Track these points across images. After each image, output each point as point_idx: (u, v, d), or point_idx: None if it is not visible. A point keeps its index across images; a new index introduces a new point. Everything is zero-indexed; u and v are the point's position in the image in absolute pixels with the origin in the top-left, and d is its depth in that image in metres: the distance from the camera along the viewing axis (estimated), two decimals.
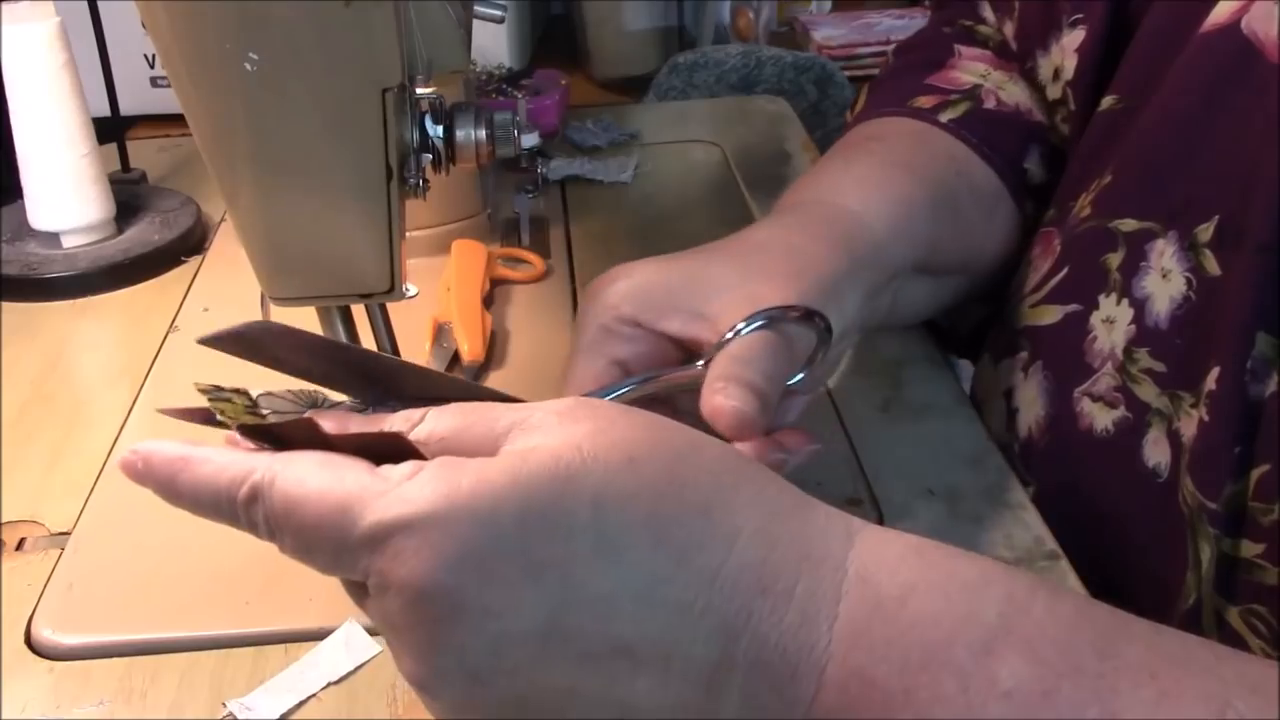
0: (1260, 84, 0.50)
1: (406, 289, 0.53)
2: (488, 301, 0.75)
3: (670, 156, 0.97)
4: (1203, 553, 0.50)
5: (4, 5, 0.77)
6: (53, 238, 0.81)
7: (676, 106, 1.19)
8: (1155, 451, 0.53)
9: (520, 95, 1.03)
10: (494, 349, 0.71)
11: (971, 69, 0.69)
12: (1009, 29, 0.69)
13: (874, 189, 0.59)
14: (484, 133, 0.54)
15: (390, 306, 0.56)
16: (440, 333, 0.71)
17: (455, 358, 0.69)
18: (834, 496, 0.58)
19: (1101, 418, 0.55)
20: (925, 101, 0.67)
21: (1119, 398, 0.55)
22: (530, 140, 0.95)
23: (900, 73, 0.72)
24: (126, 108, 0.92)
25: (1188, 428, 0.51)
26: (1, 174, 0.84)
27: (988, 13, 0.72)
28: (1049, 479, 0.59)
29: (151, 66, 1.07)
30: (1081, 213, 0.59)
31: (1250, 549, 0.48)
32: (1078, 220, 0.60)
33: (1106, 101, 0.60)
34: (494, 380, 0.69)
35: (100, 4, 0.87)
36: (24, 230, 0.82)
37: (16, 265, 0.80)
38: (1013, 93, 0.68)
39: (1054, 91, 0.65)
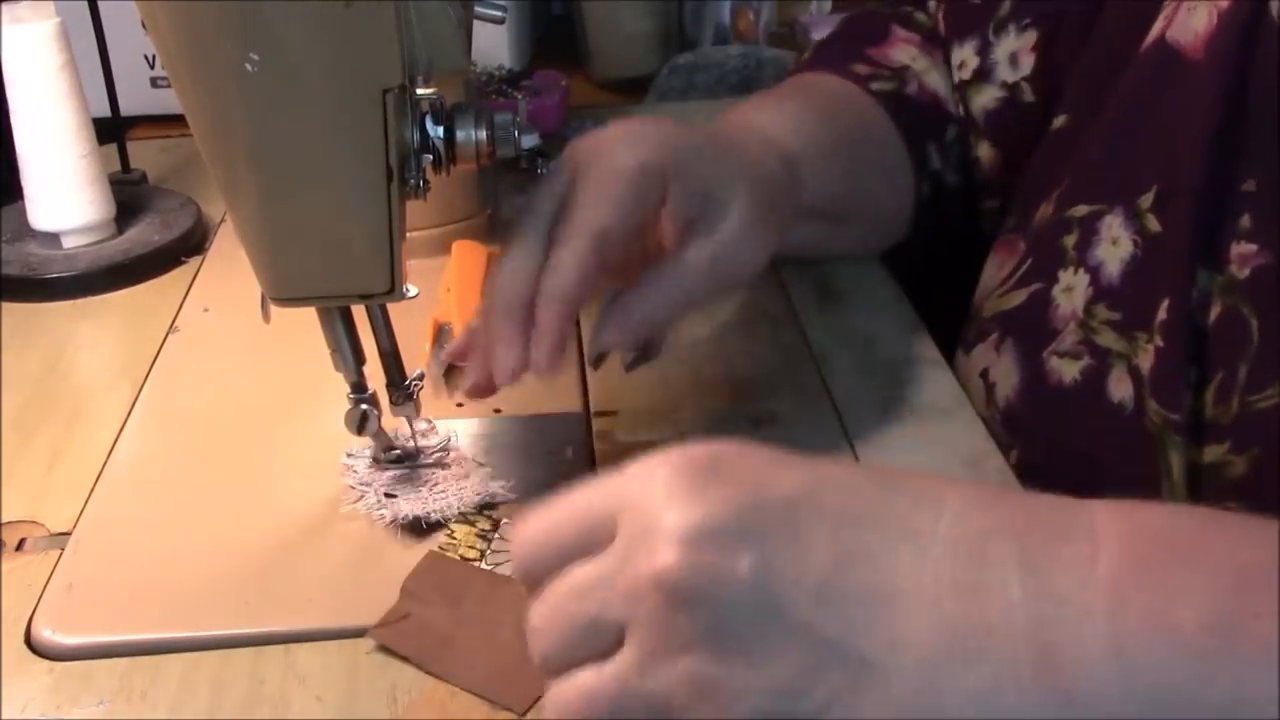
0: (1182, 78, 0.58)
1: (407, 289, 0.53)
2: None
3: None
4: (1173, 463, 0.55)
5: (4, 5, 0.77)
6: (53, 238, 0.81)
7: (676, 107, 1.19)
8: (1119, 388, 0.59)
9: (520, 96, 1.03)
10: None
11: (903, 50, 0.78)
12: (941, 13, 0.79)
13: (801, 128, 0.67)
14: (484, 133, 0.54)
15: (390, 307, 0.56)
16: (440, 333, 0.71)
17: None
18: None
19: (1069, 370, 0.61)
20: (861, 69, 0.76)
21: (1082, 349, 0.61)
22: (530, 141, 0.95)
23: (843, 39, 0.81)
24: (126, 108, 0.92)
25: (1145, 360, 0.57)
26: (1, 174, 0.84)
27: (932, 3, 0.81)
28: (1030, 438, 0.63)
29: (151, 66, 1.07)
30: (1044, 215, 0.66)
31: (1214, 452, 0.54)
32: (1039, 221, 0.66)
33: (1058, 121, 0.67)
34: None
35: (100, 4, 0.87)
36: (24, 230, 0.82)
37: (16, 265, 0.80)
38: (934, 80, 0.77)
39: (958, 75, 0.76)
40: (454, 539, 0.56)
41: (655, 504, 0.36)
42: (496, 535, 0.56)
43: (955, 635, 0.34)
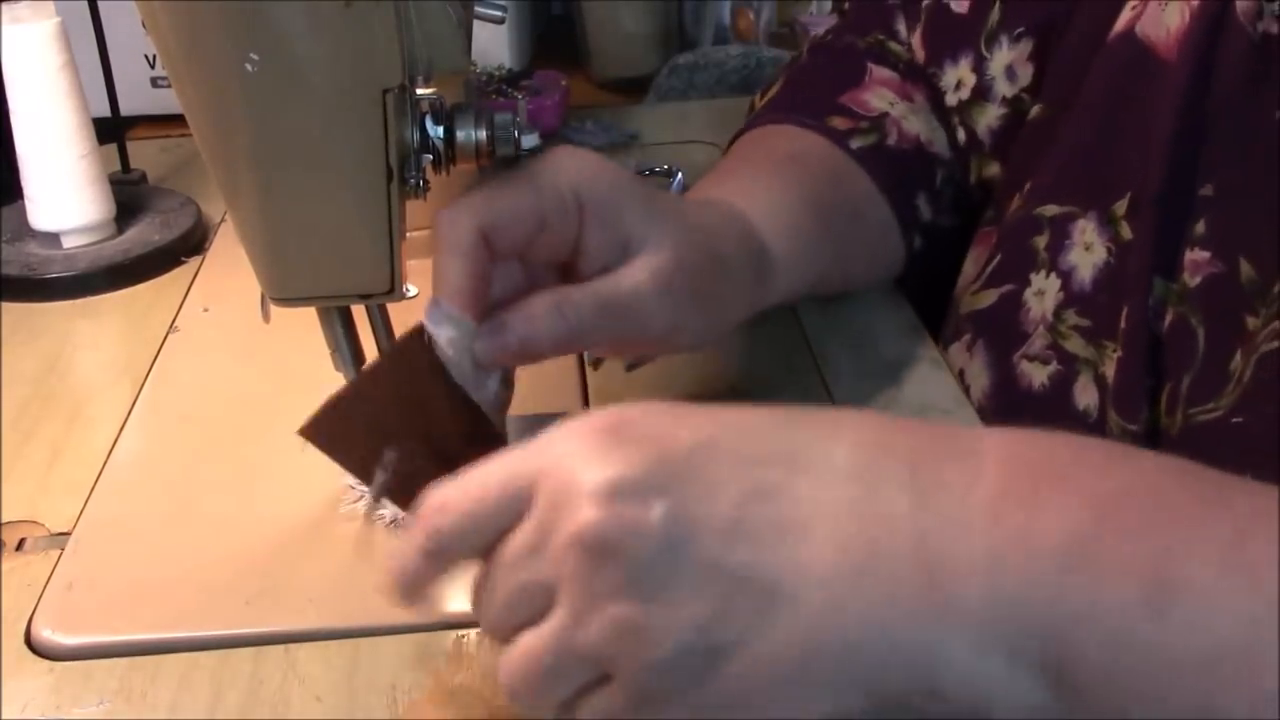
0: (1155, 78, 0.57)
1: (407, 289, 0.53)
2: None
3: (670, 157, 0.97)
4: None
5: (4, 5, 0.77)
6: (53, 238, 0.81)
7: (676, 107, 1.19)
8: (1084, 395, 0.59)
9: (520, 96, 1.03)
10: None
11: (880, 95, 0.74)
12: (917, 39, 0.76)
13: (782, 220, 0.63)
14: (484, 133, 0.54)
15: (390, 307, 0.56)
16: None
17: None
18: None
19: (1038, 375, 0.61)
20: (839, 123, 0.71)
21: (1051, 354, 0.61)
22: (530, 141, 0.94)
23: (814, 79, 0.77)
24: (126, 108, 0.92)
25: (1110, 369, 0.57)
26: (1, 174, 0.84)
27: (900, 26, 0.78)
28: None
29: (151, 66, 1.07)
30: (1015, 208, 0.66)
31: None
32: (1010, 216, 0.66)
33: (1034, 111, 0.66)
34: None
35: (100, 4, 0.87)
36: (24, 230, 0.82)
37: (16, 265, 0.80)
38: (914, 124, 0.73)
39: (953, 98, 0.73)
40: None
41: (569, 467, 0.37)
42: None
43: (851, 555, 0.36)
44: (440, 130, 0.53)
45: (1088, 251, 0.60)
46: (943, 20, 0.74)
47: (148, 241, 0.82)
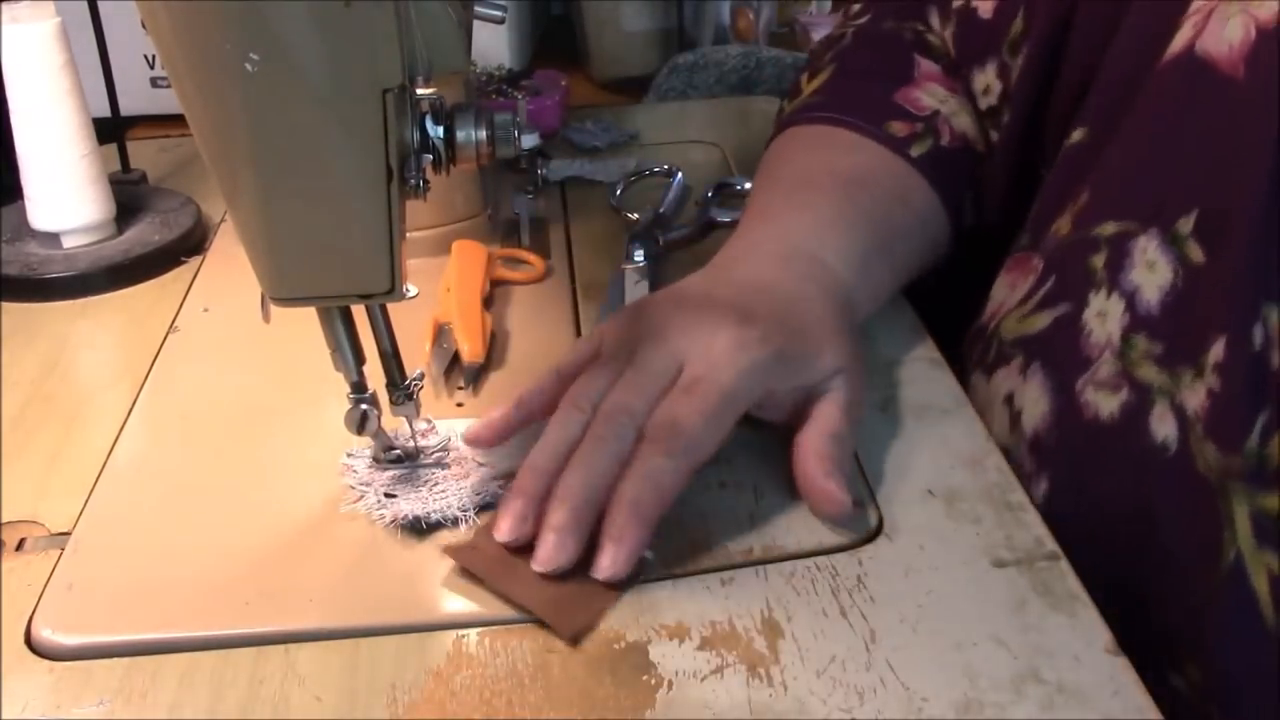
0: (1217, 97, 0.55)
1: (407, 289, 0.53)
2: (488, 302, 0.75)
3: (670, 157, 0.97)
4: (1235, 511, 0.52)
5: (4, 5, 0.77)
6: (53, 238, 0.81)
7: (676, 107, 1.19)
8: (1162, 426, 0.56)
9: (520, 96, 1.03)
10: (494, 349, 0.71)
11: (931, 92, 0.75)
12: (948, 36, 0.76)
13: (858, 259, 0.67)
14: (484, 133, 0.54)
15: (390, 307, 0.56)
16: (440, 333, 0.71)
17: (455, 358, 0.69)
18: None
19: (1106, 404, 0.58)
20: (898, 129, 0.73)
21: (1121, 382, 0.58)
22: (530, 141, 0.95)
23: (865, 73, 0.78)
24: (126, 108, 0.92)
25: (1191, 400, 0.54)
26: (1, 174, 0.84)
27: (934, 19, 0.78)
28: (1060, 471, 0.60)
29: (151, 66, 1.07)
30: (1060, 231, 0.64)
31: None
32: (1056, 238, 0.64)
33: (1076, 135, 0.65)
34: (494, 380, 0.69)
35: (100, 4, 0.87)
36: (24, 230, 0.82)
37: (16, 265, 0.80)
38: (961, 121, 0.75)
39: (984, 102, 0.74)
40: None
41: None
42: None
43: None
44: (440, 130, 0.53)
45: (1151, 271, 0.57)
46: (970, 25, 0.74)
47: (148, 241, 0.82)
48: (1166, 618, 0.55)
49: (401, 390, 0.58)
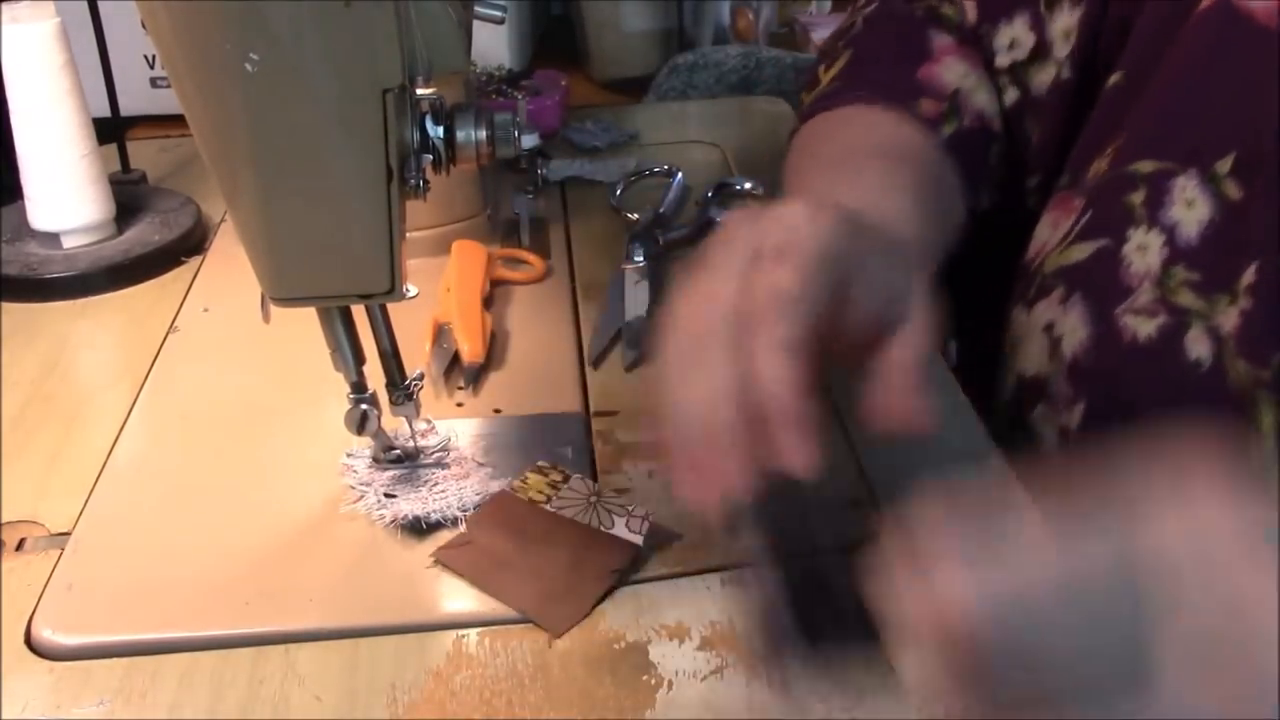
0: (1254, 46, 0.58)
1: (406, 289, 0.53)
2: (488, 302, 0.75)
3: (670, 157, 0.97)
4: (1263, 419, 0.57)
5: (4, 5, 0.77)
6: (53, 238, 0.81)
7: (676, 107, 1.19)
8: (1196, 346, 0.60)
9: (520, 96, 1.03)
10: (494, 349, 0.71)
11: (950, 68, 0.75)
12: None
13: (917, 222, 0.63)
14: (484, 133, 0.54)
15: (390, 307, 0.56)
16: (440, 333, 0.71)
17: (455, 358, 0.69)
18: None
19: (1144, 327, 0.62)
20: (928, 108, 0.72)
21: (1159, 308, 0.61)
22: (530, 141, 0.95)
23: (883, 53, 0.77)
24: (126, 108, 0.92)
25: (1226, 321, 0.59)
26: (1, 174, 0.84)
27: None
28: (1098, 394, 0.63)
29: (151, 66, 1.07)
30: (1099, 170, 0.66)
31: None
32: (1096, 176, 0.66)
33: (1114, 78, 0.67)
34: (494, 380, 0.69)
35: (100, 4, 0.87)
36: (24, 230, 0.82)
37: (16, 265, 0.80)
38: (980, 99, 0.74)
39: (1007, 58, 0.73)
40: (525, 484, 0.58)
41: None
42: (566, 486, 0.58)
43: None
44: (440, 130, 0.53)
45: (1190, 209, 0.61)
46: None
47: (148, 241, 0.82)
48: None
49: (401, 390, 0.58)
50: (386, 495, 0.58)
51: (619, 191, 0.92)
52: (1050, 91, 0.72)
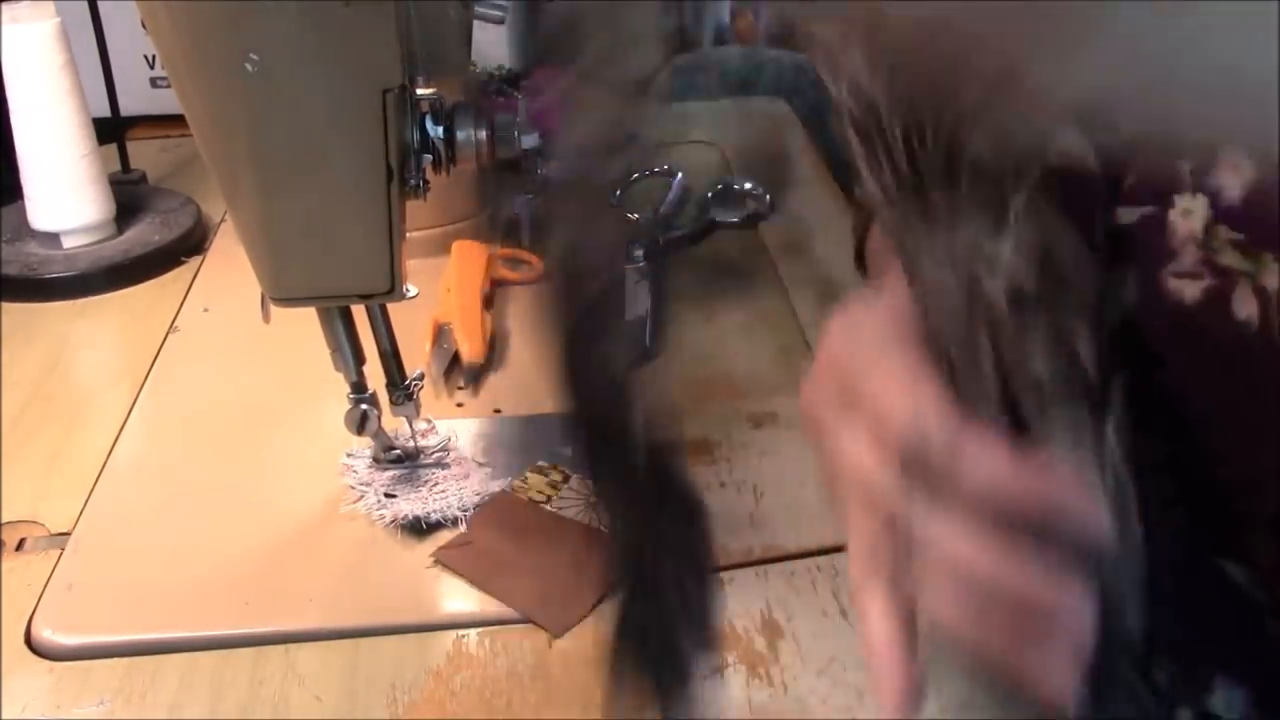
0: None
1: (407, 289, 0.53)
2: (488, 302, 0.75)
3: (670, 157, 0.97)
4: None
5: (4, 5, 0.77)
6: (53, 238, 0.81)
7: (676, 107, 1.19)
8: (1244, 306, 0.59)
9: (520, 96, 1.03)
10: (494, 349, 0.71)
11: None
12: None
13: None
14: (484, 133, 0.54)
15: (390, 307, 0.56)
16: (440, 333, 0.71)
17: (455, 358, 0.69)
18: None
19: (1190, 289, 0.61)
20: None
21: (1204, 270, 0.61)
22: (530, 141, 0.95)
23: None
24: (126, 108, 0.92)
25: (1271, 280, 0.58)
26: (1, 174, 0.84)
27: None
28: (1146, 358, 0.63)
29: (151, 66, 1.07)
30: None
31: None
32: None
33: None
34: (494, 380, 0.69)
35: (100, 4, 0.87)
36: (24, 230, 0.82)
37: (16, 265, 0.80)
38: None
39: None
40: (525, 484, 0.58)
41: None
42: (566, 486, 0.58)
43: None
44: (440, 130, 0.53)
45: (1235, 173, 0.60)
46: None
47: (148, 241, 0.82)
48: (1242, 492, 0.58)
49: (401, 390, 0.58)
50: (386, 495, 0.58)
51: (619, 191, 0.92)
52: None
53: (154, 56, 1.07)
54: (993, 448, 0.41)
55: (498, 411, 0.65)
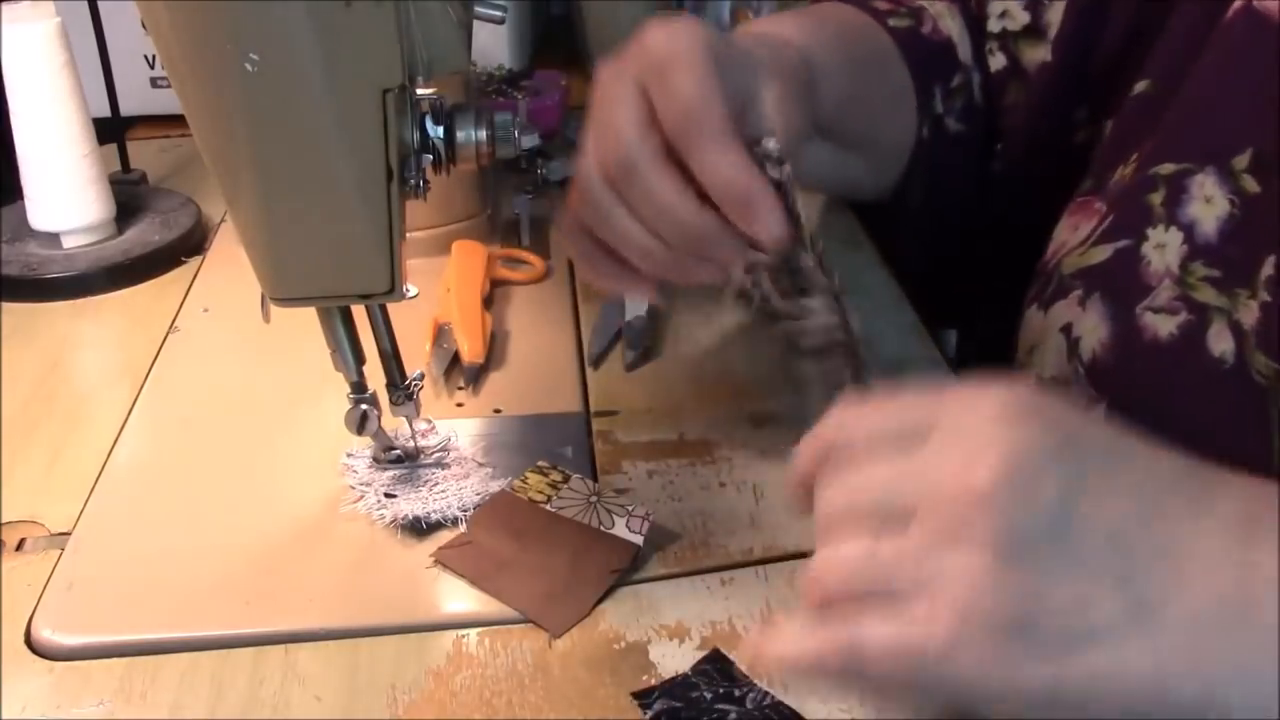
0: (1269, 43, 0.59)
1: (407, 289, 0.53)
2: (488, 302, 0.75)
3: None
4: None
5: (4, 5, 0.77)
6: (53, 238, 0.81)
7: None
8: (1219, 342, 0.59)
9: (520, 96, 1.03)
10: (494, 349, 0.71)
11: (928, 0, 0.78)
12: None
13: (816, 39, 0.67)
14: (484, 133, 0.54)
15: (390, 307, 0.56)
16: (440, 333, 0.71)
17: (455, 358, 0.69)
18: None
19: (1165, 325, 0.61)
20: (880, 4, 0.76)
21: (1179, 305, 0.61)
22: (530, 141, 0.94)
23: None
24: (126, 108, 0.92)
25: (1247, 316, 0.58)
26: (1, 174, 0.84)
27: None
28: (1119, 393, 0.63)
29: (151, 66, 1.07)
30: (1123, 176, 0.67)
31: None
32: (1120, 182, 0.67)
33: (1140, 86, 0.68)
34: (494, 380, 0.69)
35: (100, 4, 0.87)
36: (24, 230, 0.82)
37: (16, 265, 0.80)
38: (948, 24, 0.77)
39: (997, 25, 0.76)
40: (525, 484, 0.58)
41: (979, 419, 0.40)
42: (566, 486, 0.58)
43: (1224, 603, 0.38)
44: (440, 130, 0.53)
45: (1209, 204, 0.61)
46: None
47: (148, 241, 0.82)
48: None
49: (401, 390, 0.58)
50: (386, 495, 0.58)
51: None
52: (1040, 71, 0.74)
53: (154, 56, 1.07)
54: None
55: (498, 411, 0.65)
